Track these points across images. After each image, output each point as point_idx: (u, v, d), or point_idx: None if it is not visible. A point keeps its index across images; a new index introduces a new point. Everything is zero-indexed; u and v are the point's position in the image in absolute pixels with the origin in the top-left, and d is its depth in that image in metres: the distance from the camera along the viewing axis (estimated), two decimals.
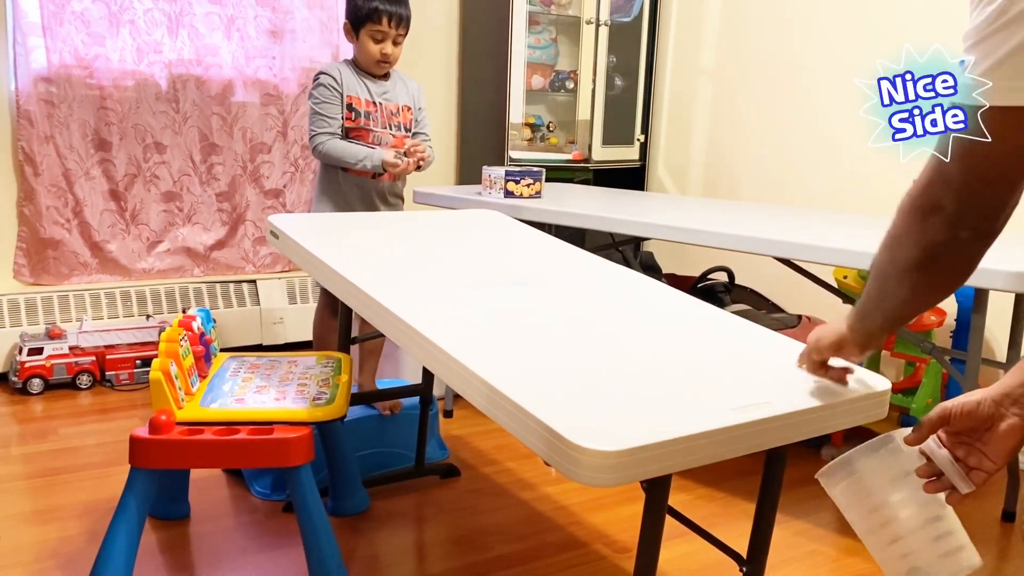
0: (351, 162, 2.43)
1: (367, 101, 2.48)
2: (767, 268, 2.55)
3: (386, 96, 2.52)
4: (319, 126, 2.44)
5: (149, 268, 3.39)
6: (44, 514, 2.15)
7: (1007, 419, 0.95)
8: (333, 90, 2.43)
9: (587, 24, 3.76)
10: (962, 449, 0.98)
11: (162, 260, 3.41)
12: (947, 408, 0.98)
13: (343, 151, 2.43)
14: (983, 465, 0.97)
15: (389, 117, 2.51)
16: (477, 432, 2.81)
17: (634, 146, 4.00)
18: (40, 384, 3.04)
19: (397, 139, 2.53)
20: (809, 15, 3.35)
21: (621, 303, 1.72)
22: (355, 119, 2.46)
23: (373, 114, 2.48)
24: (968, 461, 0.98)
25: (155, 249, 3.39)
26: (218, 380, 1.95)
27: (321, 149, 2.44)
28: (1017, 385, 0.95)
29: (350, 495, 2.20)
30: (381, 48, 2.43)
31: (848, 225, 2.39)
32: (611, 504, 2.30)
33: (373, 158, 2.41)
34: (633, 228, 2.37)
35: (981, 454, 0.97)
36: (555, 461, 1.07)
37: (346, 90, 2.45)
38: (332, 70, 2.46)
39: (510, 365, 1.29)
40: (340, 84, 2.44)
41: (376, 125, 2.49)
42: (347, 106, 2.45)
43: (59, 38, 3.06)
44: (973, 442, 0.98)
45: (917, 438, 1.00)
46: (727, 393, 1.25)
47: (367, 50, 2.44)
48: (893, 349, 2.76)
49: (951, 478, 0.98)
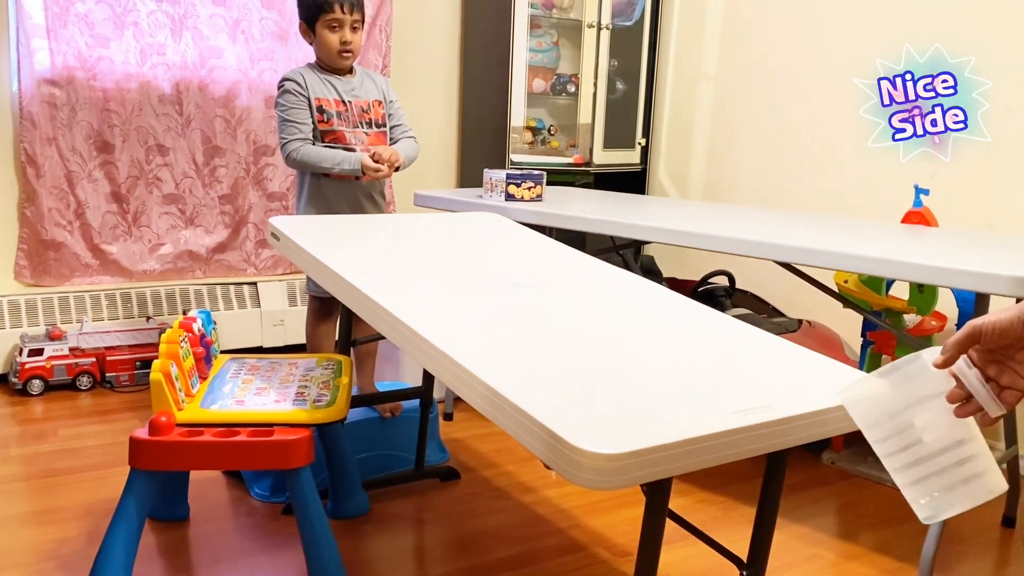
0: (328, 166, 2.40)
1: (336, 101, 2.45)
2: (768, 272, 2.55)
3: (354, 93, 2.49)
4: (290, 133, 2.40)
5: (151, 270, 3.39)
6: (43, 515, 2.15)
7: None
8: (299, 95, 2.41)
9: (588, 28, 3.76)
10: (994, 368, 0.95)
11: (163, 262, 3.41)
12: (977, 326, 0.94)
13: (319, 156, 2.40)
14: (1016, 383, 0.94)
15: (360, 114, 2.49)
16: (477, 435, 2.81)
17: (635, 150, 4.01)
18: (40, 385, 3.04)
19: (371, 137, 2.51)
20: (810, 20, 3.35)
21: (622, 306, 1.72)
22: (327, 121, 2.44)
23: (344, 113, 2.46)
24: (1000, 380, 0.95)
25: (157, 251, 3.39)
26: (218, 382, 1.95)
27: (295, 156, 2.40)
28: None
29: (350, 498, 2.20)
30: (340, 36, 2.40)
31: (848, 229, 2.39)
32: (611, 508, 2.30)
33: (351, 160, 2.39)
34: (634, 232, 2.37)
35: (1014, 372, 0.94)
36: (556, 464, 1.07)
37: (312, 93, 2.42)
38: (295, 75, 2.43)
39: (511, 368, 1.29)
40: (305, 88, 2.41)
41: (348, 124, 2.47)
42: (317, 109, 2.42)
43: (63, 40, 3.06)
44: (1005, 360, 0.94)
45: (946, 360, 0.97)
46: (728, 397, 1.25)
47: (327, 43, 2.41)
48: (894, 353, 2.76)
49: (981, 400, 0.95)
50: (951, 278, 1.79)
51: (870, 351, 2.84)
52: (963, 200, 2.86)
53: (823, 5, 3.30)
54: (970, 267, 1.76)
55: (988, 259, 1.93)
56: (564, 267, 1.96)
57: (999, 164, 2.78)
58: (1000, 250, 2.12)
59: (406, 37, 3.78)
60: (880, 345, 2.80)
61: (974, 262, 1.81)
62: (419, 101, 3.79)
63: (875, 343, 2.82)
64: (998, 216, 2.80)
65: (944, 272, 1.80)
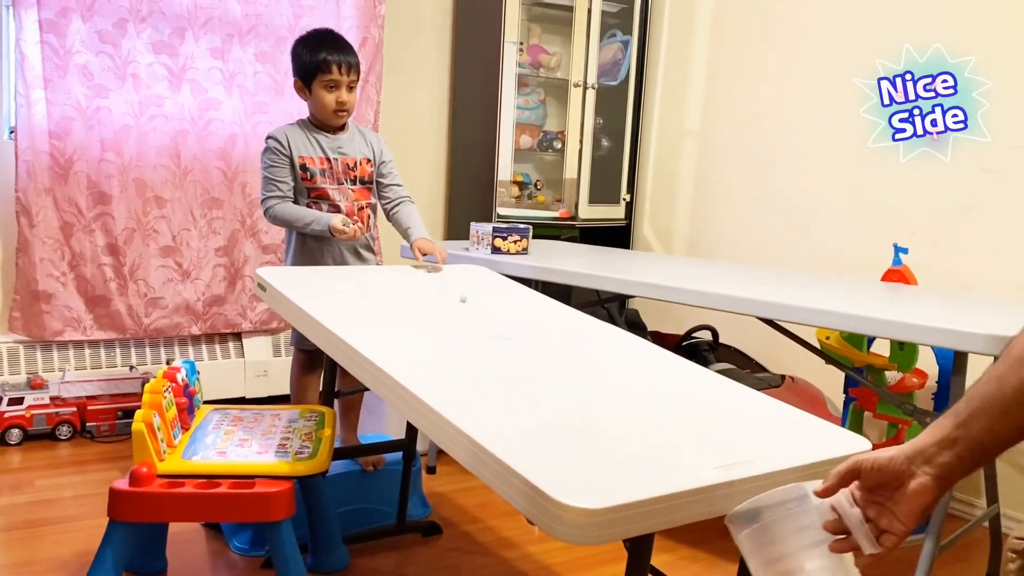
0: (299, 226, 2.42)
1: (320, 158, 2.46)
2: (751, 327, 2.57)
3: (341, 150, 2.50)
4: (268, 190, 2.43)
5: (147, 326, 3.34)
6: (19, 568, 2.11)
7: (918, 477, 0.93)
8: (280, 155, 2.42)
9: (575, 87, 3.84)
10: (874, 509, 0.97)
11: (157, 320, 3.35)
12: (859, 461, 0.96)
13: (291, 214, 2.42)
14: (893, 527, 0.95)
15: (345, 171, 2.49)
16: (460, 489, 2.79)
17: (620, 205, 4.06)
18: (19, 435, 3.01)
19: (357, 192, 2.52)
20: (793, 80, 3.44)
21: (606, 360, 1.73)
22: (310, 179, 2.45)
23: (328, 171, 2.46)
24: (879, 523, 0.96)
25: (153, 306, 3.34)
26: (200, 432, 1.94)
27: (271, 213, 2.43)
28: (931, 444, 0.94)
29: (330, 551, 2.17)
30: (336, 96, 2.43)
31: (830, 287, 2.42)
32: (594, 564, 2.28)
33: (320, 222, 2.39)
34: (619, 286, 2.40)
35: (892, 515, 0.95)
36: (537, 518, 1.07)
37: (296, 152, 2.43)
38: (279, 134, 2.44)
39: (494, 421, 1.29)
40: (286, 148, 2.43)
41: (332, 181, 2.47)
42: (300, 167, 2.44)
43: (61, 90, 3.08)
44: (884, 501, 0.96)
45: (827, 490, 0.99)
46: (710, 452, 1.25)
47: (323, 102, 2.43)
48: (876, 411, 2.77)
49: (858, 538, 0.96)
50: (929, 336, 1.82)
51: (852, 407, 2.85)
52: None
53: (806, 68, 3.39)
54: (947, 325, 1.79)
55: (965, 318, 1.96)
56: (549, 320, 1.97)
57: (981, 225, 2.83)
58: (977, 308, 2.16)
59: (397, 92, 3.84)
60: (862, 401, 2.82)
61: (951, 320, 1.84)
62: (408, 155, 3.83)
63: (857, 399, 2.84)
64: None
65: (922, 330, 1.82)
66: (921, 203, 2.95)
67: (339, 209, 2.47)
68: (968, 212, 2.82)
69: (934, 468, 0.93)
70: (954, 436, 0.93)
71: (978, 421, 0.92)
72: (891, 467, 0.94)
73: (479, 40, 3.78)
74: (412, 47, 3.89)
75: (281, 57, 3.47)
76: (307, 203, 2.46)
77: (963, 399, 0.94)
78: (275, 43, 3.47)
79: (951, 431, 0.93)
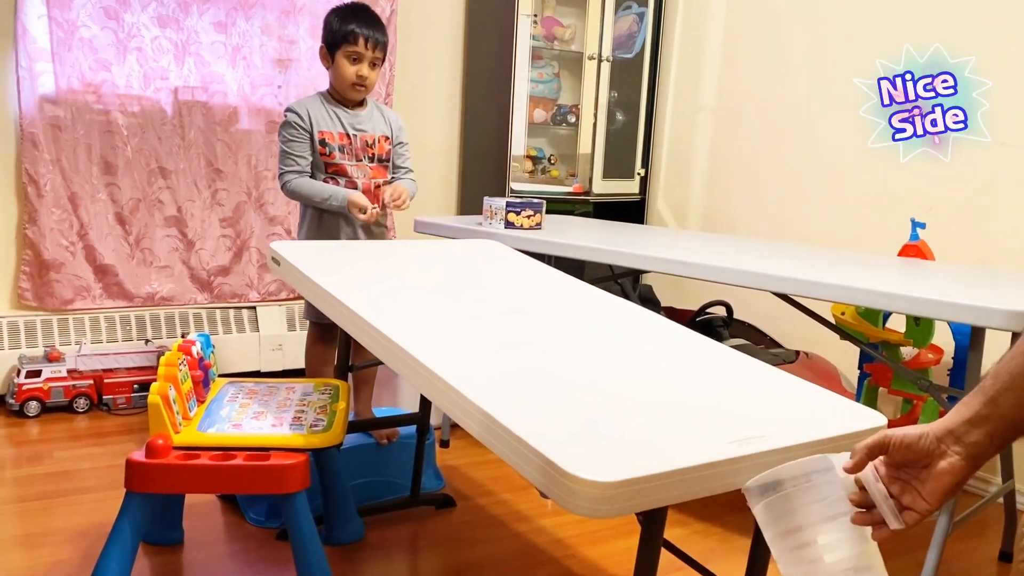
0: (317, 200, 2.43)
1: (340, 134, 2.46)
2: (765, 303, 2.56)
3: (360, 127, 2.49)
4: (287, 165, 2.43)
5: (153, 294, 3.40)
6: (37, 538, 2.14)
7: (947, 457, 0.93)
8: (299, 128, 2.42)
9: (589, 60, 3.80)
10: (898, 486, 0.96)
11: (165, 286, 3.42)
12: (887, 436, 0.96)
13: (309, 189, 2.42)
14: (916, 505, 0.95)
15: (364, 148, 2.49)
16: (473, 462, 2.80)
17: (634, 180, 4.04)
18: (37, 407, 3.04)
19: (374, 170, 2.52)
20: (809, 52, 3.39)
21: (620, 335, 1.73)
22: (329, 154, 2.45)
23: (347, 147, 2.46)
24: (902, 499, 0.96)
25: (159, 275, 3.40)
26: (216, 405, 1.95)
27: (289, 188, 2.44)
28: (961, 422, 0.93)
29: (345, 524, 2.19)
30: (357, 70, 2.42)
31: (845, 262, 2.40)
32: (607, 537, 2.29)
33: (338, 196, 2.40)
34: (632, 261, 2.38)
35: (916, 493, 0.95)
36: (551, 491, 1.07)
37: (316, 127, 2.43)
38: (299, 108, 2.44)
39: (507, 395, 1.29)
40: (306, 121, 2.42)
41: (350, 158, 2.47)
42: (320, 142, 2.43)
43: (67, 63, 3.10)
44: (910, 479, 0.96)
45: (855, 464, 0.98)
46: (724, 426, 1.25)
47: (343, 72, 2.42)
48: (891, 387, 2.76)
49: (882, 512, 0.96)
50: (947, 311, 1.80)
51: (867, 383, 2.84)
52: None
53: (823, 41, 3.34)
54: (965, 301, 1.77)
55: (984, 293, 1.94)
56: (562, 295, 1.97)
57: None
58: (996, 284, 2.14)
59: (410, 66, 3.82)
60: (877, 377, 2.81)
61: (970, 295, 1.82)
62: (421, 129, 3.82)
63: (872, 375, 2.82)
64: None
65: (940, 305, 1.81)
66: (940, 181, 2.92)
67: (356, 186, 2.47)
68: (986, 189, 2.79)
69: (964, 448, 0.92)
70: (984, 413, 0.92)
71: (1007, 397, 0.91)
72: (920, 445, 0.93)
73: (493, 12, 3.75)
74: (425, 20, 3.86)
75: (285, 30, 3.46)
76: (324, 179, 2.46)
77: (989, 376, 0.93)
78: (279, 16, 3.47)
79: (980, 408, 0.92)
